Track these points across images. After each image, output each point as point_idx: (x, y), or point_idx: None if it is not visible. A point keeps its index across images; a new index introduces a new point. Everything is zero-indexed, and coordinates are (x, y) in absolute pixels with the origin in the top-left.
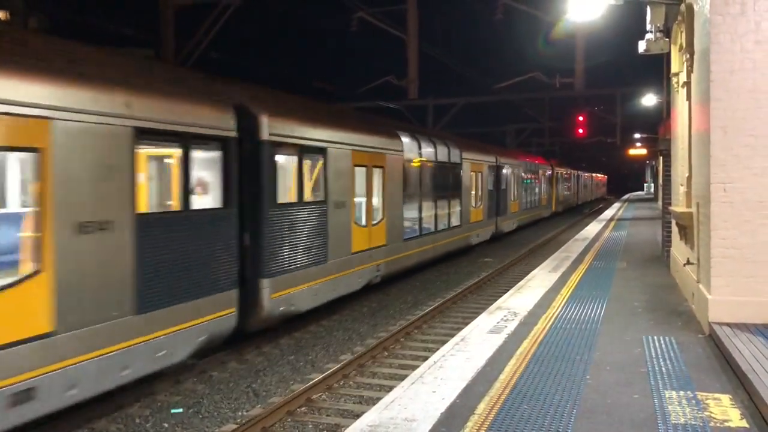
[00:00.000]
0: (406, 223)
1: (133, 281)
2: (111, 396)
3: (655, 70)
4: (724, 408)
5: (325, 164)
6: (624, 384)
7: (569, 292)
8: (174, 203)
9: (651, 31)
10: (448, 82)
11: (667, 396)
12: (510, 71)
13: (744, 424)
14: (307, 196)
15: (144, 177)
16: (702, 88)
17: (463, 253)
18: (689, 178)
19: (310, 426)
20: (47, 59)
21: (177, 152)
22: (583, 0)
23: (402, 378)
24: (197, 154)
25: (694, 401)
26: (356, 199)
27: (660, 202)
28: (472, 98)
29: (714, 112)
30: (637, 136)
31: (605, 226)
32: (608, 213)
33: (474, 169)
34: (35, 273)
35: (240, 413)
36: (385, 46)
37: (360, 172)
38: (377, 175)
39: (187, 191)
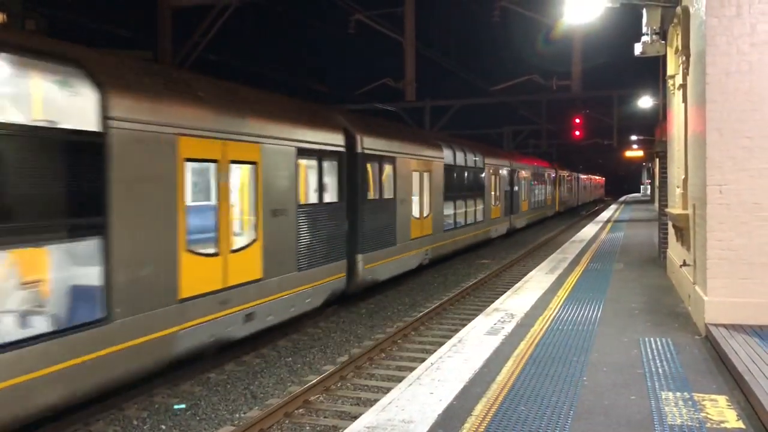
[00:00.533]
0: (445, 218)
1: (295, 249)
2: (108, 397)
3: (652, 73)
4: (721, 409)
5: (394, 170)
6: (621, 385)
7: (566, 294)
8: (314, 197)
9: (647, 34)
10: (445, 84)
11: (663, 397)
12: (507, 73)
13: (740, 425)
14: (384, 194)
15: (300, 180)
16: (698, 91)
17: (460, 255)
18: (685, 180)
19: (308, 428)
20: (253, 103)
21: (316, 163)
22: (579, 2)
23: (399, 380)
24: (326, 164)
25: (690, 402)
26: (413, 197)
27: (656, 204)
28: (469, 100)
29: (710, 114)
30: (633, 138)
31: (602, 228)
32: (605, 215)
33: (494, 172)
34: (254, 241)
35: (237, 415)
36: (383, 48)
37: (416, 176)
38: (426, 178)
39: (321, 189)
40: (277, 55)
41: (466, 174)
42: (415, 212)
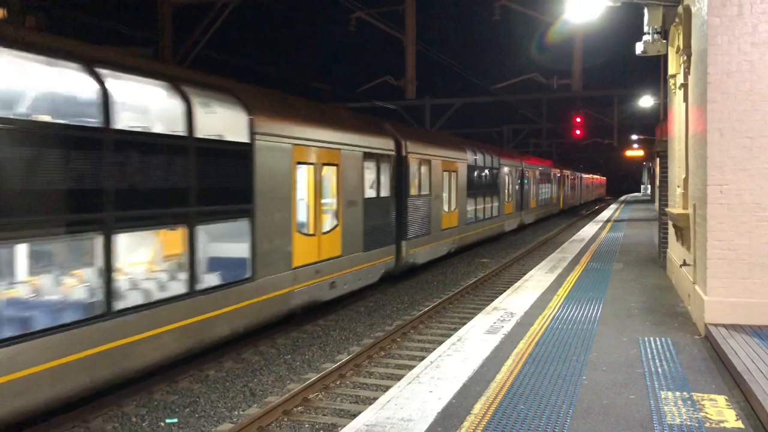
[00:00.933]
0: (468, 212)
1: (362, 233)
2: (107, 395)
3: (652, 72)
4: (720, 409)
5: (429, 170)
6: (620, 385)
7: (566, 293)
8: (373, 192)
9: (648, 33)
10: (445, 82)
11: (663, 397)
12: (508, 72)
13: (739, 425)
14: (422, 190)
15: (365, 178)
16: (699, 90)
17: (459, 253)
18: (686, 180)
19: (307, 425)
20: (334, 118)
21: (375, 164)
22: (581, 1)
23: (398, 378)
24: (381, 165)
25: (689, 402)
26: (444, 194)
27: (657, 204)
28: (469, 99)
29: (711, 114)
30: (634, 137)
31: (602, 227)
32: (605, 214)
33: (507, 172)
34: (336, 225)
35: (236, 412)
36: (383, 46)
37: (446, 175)
38: (453, 177)
39: (378, 186)
40: (277, 52)
41: (484, 174)
42: (445, 207)
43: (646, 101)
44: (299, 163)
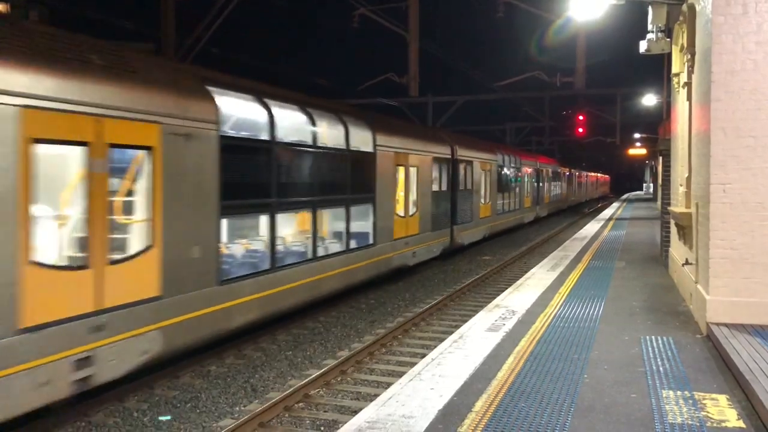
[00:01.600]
0: (497, 205)
1: (430, 217)
2: (108, 389)
3: (656, 70)
4: (722, 408)
5: (472, 170)
6: (621, 383)
7: (567, 291)
8: (436, 186)
9: (652, 31)
10: (448, 79)
11: (664, 395)
12: (510, 69)
13: (741, 424)
14: (467, 186)
15: (433, 175)
16: (703, 89)
17: (460, 252)
18: (689, 179)
19: (308, 422)
20: (416, 130)
21: (438, 165)
22: None
23: (400, 375)
24: (442, 166)
25: (691, 401)
26: (481, 189)
27: (659, 202)
28: (472, 96)
29: (714, 113)
30: (637, 136)
31: (604, 226)
32: (607, 212)
33: (526, 170)
34: (416, 211)
35: (237, 408)
36: (386, 43)
37: (482, 174)
38: (487, 175)
39: (440, 182)
40: (280, 48)
41: (509, 172)
42: (482, 200)
43: (649, 100)
44: (397, 165)
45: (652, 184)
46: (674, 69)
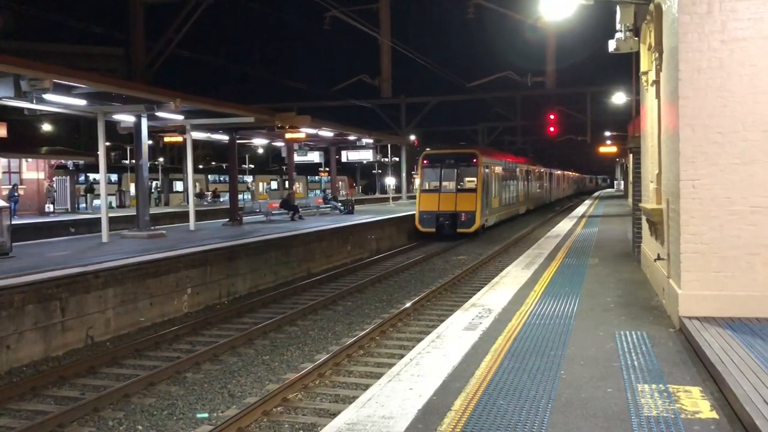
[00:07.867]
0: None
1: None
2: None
3: (625, 69)
4: (695, 400)
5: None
6: (598, 378)
7: (542, 289)
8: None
9: (621, 31)
10: (421, 80)
11: (639, 389)
12: (482, 70)
13: (714, 415)
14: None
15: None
16: (671, 87)
17: (444, 252)
18: (659, 175)
19: (287, 426)
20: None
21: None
22: None
23: (379, 376)
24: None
25: (665, 394)
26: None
27: (630, 199)
28: (444, 97)
29: (682, 110)
30: (607, 134)
31: (577, 223)
32: (580, 210)
33: (519, 171)
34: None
35: (215, 414)
36: (359, 44)
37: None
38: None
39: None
40: (252, 51)
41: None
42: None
43: (619, 98)
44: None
45: (622, 182)
46: (643, 67)
